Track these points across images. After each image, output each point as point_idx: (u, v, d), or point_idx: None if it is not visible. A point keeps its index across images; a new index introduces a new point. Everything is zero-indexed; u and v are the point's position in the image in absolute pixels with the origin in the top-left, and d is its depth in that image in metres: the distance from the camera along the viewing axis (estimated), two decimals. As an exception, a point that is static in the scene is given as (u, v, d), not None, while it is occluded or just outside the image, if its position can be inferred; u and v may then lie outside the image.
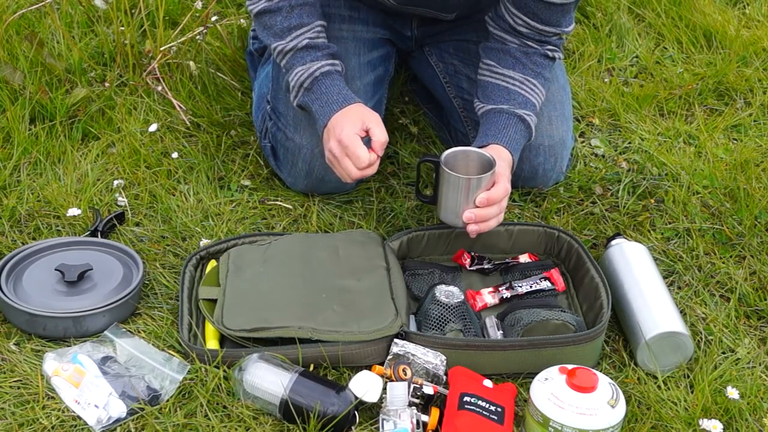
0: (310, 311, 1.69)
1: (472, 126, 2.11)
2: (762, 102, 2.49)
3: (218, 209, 2.05)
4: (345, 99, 1.87)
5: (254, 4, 1.94)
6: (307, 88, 1.90)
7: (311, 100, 1.90)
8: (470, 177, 1.78)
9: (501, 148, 1.87)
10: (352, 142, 1.80)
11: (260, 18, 1.94)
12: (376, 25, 2.12)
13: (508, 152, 1.88)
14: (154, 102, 2.37)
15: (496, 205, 1.80)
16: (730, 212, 2.08)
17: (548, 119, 2.04)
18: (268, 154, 2.13)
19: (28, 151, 2.17)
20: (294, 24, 1.91)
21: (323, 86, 1.89)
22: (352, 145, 1.80)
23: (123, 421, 1.55)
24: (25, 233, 1.95)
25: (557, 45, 1.96)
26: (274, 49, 1.94)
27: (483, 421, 1.52)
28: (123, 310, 1.75)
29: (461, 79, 2.14)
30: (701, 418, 1.59)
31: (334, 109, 1.86)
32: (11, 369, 1.64)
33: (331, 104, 1.87)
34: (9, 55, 2.40)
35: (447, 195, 1.82)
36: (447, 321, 1.70)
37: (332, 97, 1.87)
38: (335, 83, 1.89)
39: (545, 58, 1.95)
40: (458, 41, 2.15)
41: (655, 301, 1.75)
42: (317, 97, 1.89)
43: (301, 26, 1.91)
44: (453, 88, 2.16)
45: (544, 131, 2.04)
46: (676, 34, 2.75)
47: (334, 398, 1.54)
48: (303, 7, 1.92)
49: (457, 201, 1.80)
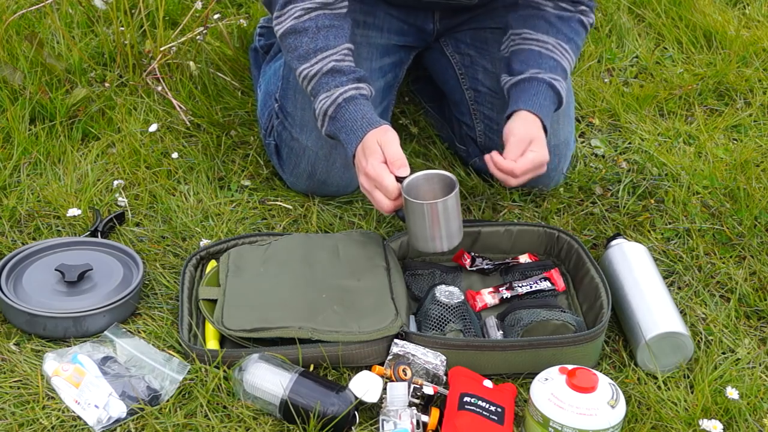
0: (310, 311, 1.69)
1: (480, 119, 2.11)
2: (762, 102, 2.49)
3: (218, 209, 2.05)
4: (367, 124, 1.79)
5: (281, 24, 1.87)
6: (332, 117, 1.83)
7: (337, 129, 1.83)
8: (433, 202, 1.70)
9: (529, 114, 1.87)
10: (379, 174, 1.74)
11: (286, 39, 1.88)
12: (390, 31, 2.11)
13: (535, 117, 1.87)
14: (154, 102, 2.37)
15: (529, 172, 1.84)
16: (730, 212, 2.08)
17: (555, 118, 2.04)
18: (272, 152, 2.13)
19: (28, 152, 2.17)
20: (320, 46, 1.84)
21: (347, 113, 1.82)
22: (379, 177, 1.74)
23: (123, 421, 1.55)
24: (25, 233, 1.95)
25: (590, 6, 1.98)
26: (299, 75, 1.87)
27: (483, 422, 1.52)
28: (123, 311, 1.75)
29: (477, 70, 2.13)
30: (701, 419, 1.59)
31: (358, 138, 1.79)
32: (11, 369, 1.64)
33: (356, 131, 1.80)
34: (9, 55, 2.40)
35: (415, 222, 1.75)
36: (447, 321, 1.70)
37: (356, 124, 1.80)
38: (359, 108, 1.81)
39: (580, 24, 1.96)
40: (475, 30, 2.15)
41: (655, 302, 1.75)
42: (342, 125, 1.82)
43: (327, 48, 1.85)
44: (468, 80, 2.15)
45: (551, 130, 2.04)
46: (676, 34, 2.75)
47: (334, 398, 1.54)
48: (330, 30, 1.85)
49: (424, 227, 1.74)
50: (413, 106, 2.40)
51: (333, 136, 1.86)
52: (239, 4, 2.79)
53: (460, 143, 2.20)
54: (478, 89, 2.12)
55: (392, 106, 2.16)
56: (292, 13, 1.86)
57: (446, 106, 2.27)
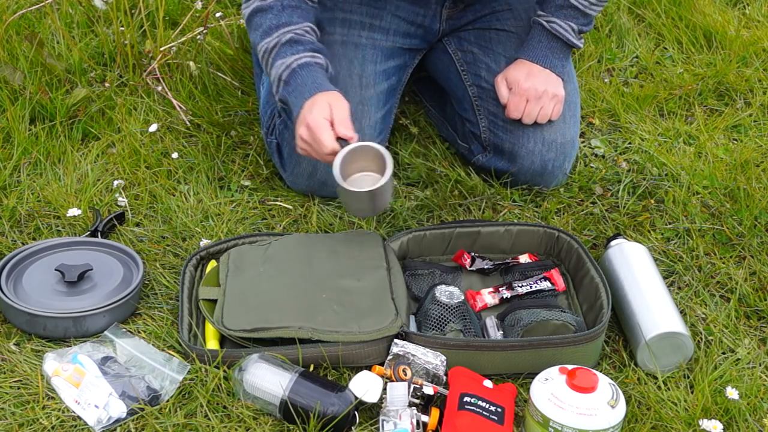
0: (310, 311, 1.69)
1: (485, 115, 2.11)
2: (762, 102, 2.49)
3: (218, 209, 2.05)
4: (318, 87, 1.85)
5: (248, 5, 1.93)
6: (285, 81, 1.88)
7: (288, 93, 1.88)
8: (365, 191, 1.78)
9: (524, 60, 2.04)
10: (319, 127, 1.79)
11: (252, 20, 1.93)
12: (396, 33, 2.11)
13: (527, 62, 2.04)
14: (154, 102, 2.37)
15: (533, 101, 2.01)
16: (730, 212, 2.08)
17: (563, 118, 2.06)
18: (273, 151, 2.13)
19: (28, 152, 2.17)
20: (283, 22, 1.90)
21: (300, 78, 1.86)
22: (318, 129, 1.79)
23: (123, 421, 1.55)
24: (25, 233, 1.96)
25: None
26: (260, 50, 1.92)
27: (483, 422, 1.52)
28: (123, 311, 1.75)
29: (480, 67, 2.14)
30: (701, 419, 1.59)
31: (305, 98, 1.84)
32: (11, 369, 1.64)
33: (304, 93, 1.85)
34: (9, 55, 2.41)
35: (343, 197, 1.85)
36: (447, 321, 1.70)
37: (306, 86, 1.85)
38: (312, 74, 1.86)
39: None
40: (480, 29, 2.16)
41: (655, 302, 1.75)
42: (293, 89, 1.87)
43: (289, 24, 1.90)
44: (470, 77, 2.15)
45: (558, 129, 2.06)
46: (676, 35, 2.75)
47: (334, 398, 1.54)
48: (295, 9, 1.91)
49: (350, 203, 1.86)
50: (413, 106, 2.40)
51: (284, 101, 1.90)
52: (239, 4, 2.79)
53: (463, 141, 2.20)
54: (482, 86, 2.12)
55: (395, 110, 2.16)
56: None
57: (448, 104, 2.27)
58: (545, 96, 2.02)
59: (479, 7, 2.14)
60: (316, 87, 1.85)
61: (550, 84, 2.03)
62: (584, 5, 2.01)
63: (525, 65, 2.04)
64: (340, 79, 2.00)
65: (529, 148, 2.06)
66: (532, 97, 2.02)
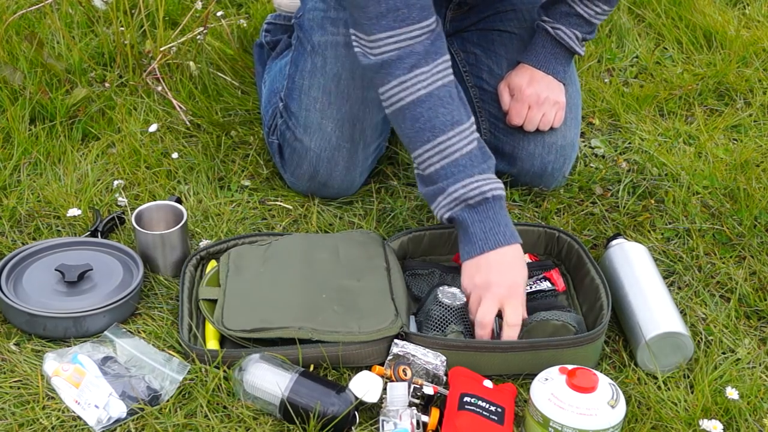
0: (311, 311, 1.69)
1: (486, 117, 2.11)
2: (762, 102, 2.49)
3: (218, 209, 2.05)
4: (512, 236, 1.73)
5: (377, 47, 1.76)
6: (471, 206, 1.74)
7: (473, 220, 1.74)
8: (159, 233, 1.84)
9: (526, 66, 2.04)
10: (488, 324, 1.68)
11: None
12: None
13: (530, 68, 2.04)
14: (154, 102, 2.37)
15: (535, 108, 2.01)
16: (730, 212, 2.08)
17: (564, 120, 2.06)
18: (274, 151, 2.12)
19: (28, 152, 2.17)
20: (456, 120, 1.76)
21: (491, 211, 1.74)
22: (488, 326, 1.69)
23: (123, 421, 1.55)
24: (25, 233, 1.95)
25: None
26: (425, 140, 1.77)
27: (483, 422, 1.52)
28: (123, 311, 1.75)
29: (482, 69, 2.13)
30: (701, 419, 1.59)
31: (500, 243, 1.72)
32: (11, 369, 1.64)
33: (498, 236, 1.72)
34: (9, 55, 2.41)
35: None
36: (449, 322, 1.70)
37: (499, 228, 1.73)
38: (503, 212, 1.74)
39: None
40: (483, 30, 2.15)
41: (655, 302, 1.75)
42: (481, 219, 1.73)
43: (465, 118, 1.77)
44: (472, 78, 2.15)
45: (559, 131, 2.06)
46: (676, 35, 2.75)
47: (334, 398, 1.54)
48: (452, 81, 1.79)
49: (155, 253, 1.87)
50: (413, 106, 2.40)
51: (452, 221, 1.76)
52: (239, 4, 2.79)
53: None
54: (483, 87, 2.12)
55: None
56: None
57: None
58: (547, 103, 2.02)
59: (483, 9, 2.14)
60: (510, 235, 1.73)
61: (552, 91, 2.03)
62: (590, 14, 2.01)
63: (527, 71, 2.04)
64: (343, 79, 2.00)
65: (530, 151, 2.07)
66: (534, 103, 2.02)
